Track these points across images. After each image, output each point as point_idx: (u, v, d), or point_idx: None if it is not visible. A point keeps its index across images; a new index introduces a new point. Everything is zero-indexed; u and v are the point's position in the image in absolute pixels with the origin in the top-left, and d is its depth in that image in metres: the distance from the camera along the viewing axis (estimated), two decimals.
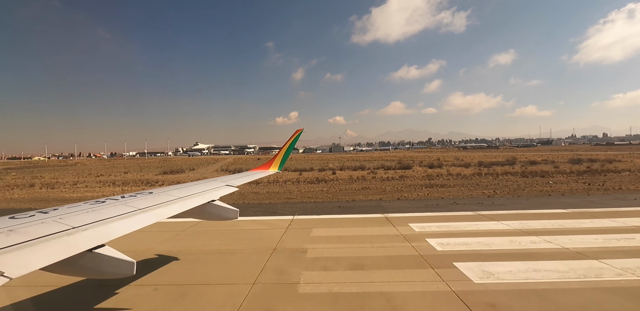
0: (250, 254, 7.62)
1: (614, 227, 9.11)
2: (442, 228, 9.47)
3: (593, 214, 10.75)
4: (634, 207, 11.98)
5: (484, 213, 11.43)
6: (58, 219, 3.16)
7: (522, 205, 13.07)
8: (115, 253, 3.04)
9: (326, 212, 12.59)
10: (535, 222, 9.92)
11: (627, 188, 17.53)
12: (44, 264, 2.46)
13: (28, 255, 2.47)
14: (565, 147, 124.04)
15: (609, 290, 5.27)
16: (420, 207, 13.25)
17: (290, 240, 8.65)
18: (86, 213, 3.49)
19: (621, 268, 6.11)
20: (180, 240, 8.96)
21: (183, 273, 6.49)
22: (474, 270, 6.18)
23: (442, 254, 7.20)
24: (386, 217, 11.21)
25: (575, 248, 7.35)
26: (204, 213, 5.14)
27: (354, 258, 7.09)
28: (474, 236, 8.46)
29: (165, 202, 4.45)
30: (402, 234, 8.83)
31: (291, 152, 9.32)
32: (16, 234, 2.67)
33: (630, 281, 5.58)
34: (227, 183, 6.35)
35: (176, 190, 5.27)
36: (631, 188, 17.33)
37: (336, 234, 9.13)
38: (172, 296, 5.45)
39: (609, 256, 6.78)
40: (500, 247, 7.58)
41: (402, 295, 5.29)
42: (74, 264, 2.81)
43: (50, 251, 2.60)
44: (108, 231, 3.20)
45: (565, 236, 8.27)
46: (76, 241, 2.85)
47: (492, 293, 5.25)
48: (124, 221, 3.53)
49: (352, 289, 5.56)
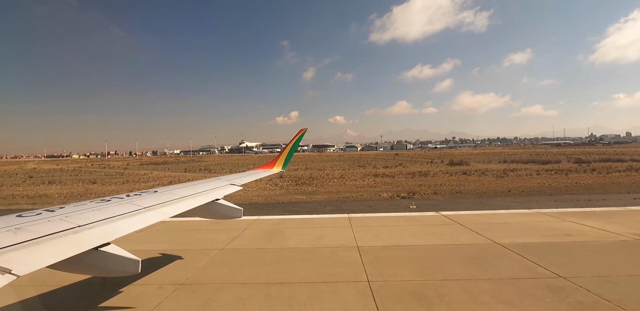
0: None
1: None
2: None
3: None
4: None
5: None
6: (64, 218, 3.17)
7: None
8: (120, 251, 3.06)
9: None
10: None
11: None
12: (50, 262, 2.47)
13: (35, 253, 2.48)
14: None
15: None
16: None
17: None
18: (92, 212, 3.50)
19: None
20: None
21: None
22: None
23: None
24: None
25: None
26: (209, 212, 5.16)
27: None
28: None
29: (170, 201, 4.45)
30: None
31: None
32: (23, 233, 2.68)
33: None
34: (231, 182, 6.35)
35: (180, 189, 5.28)
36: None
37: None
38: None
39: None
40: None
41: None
42: (80, 262, 2.83)
43: (57, 249, 2.61)
44: (114, 230, 3.21)
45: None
46: (82, 239, 2.86)
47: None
48: (129, 219, 3.54)
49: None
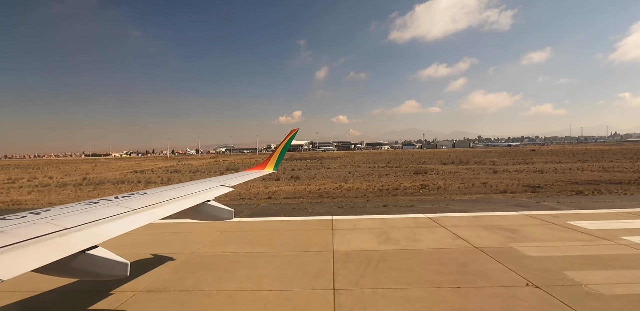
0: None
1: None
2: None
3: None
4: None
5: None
6: (50, 220, 3.10)
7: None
8: (108, 254, 3.00)
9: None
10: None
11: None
12: (35, 265, 2.42)
13: (19, 257, 2.42)
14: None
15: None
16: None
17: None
18: (79, 214, 3.44)
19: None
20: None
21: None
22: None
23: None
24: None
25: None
26: (199, 214, 5.11)
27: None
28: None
29: (159, 202, 4.39)
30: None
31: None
32: (7, 236, 2.62)
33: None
34: (222, 183, 6.31)
35: (170, 190, 5.23)
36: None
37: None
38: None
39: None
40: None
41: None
42: (66, 265, 2.77)
43: (42, 253, 2.55)
44: (101, 232, 3.16)
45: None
46: (68, 242, 2.81)
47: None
48: (117, 221, 3.48)
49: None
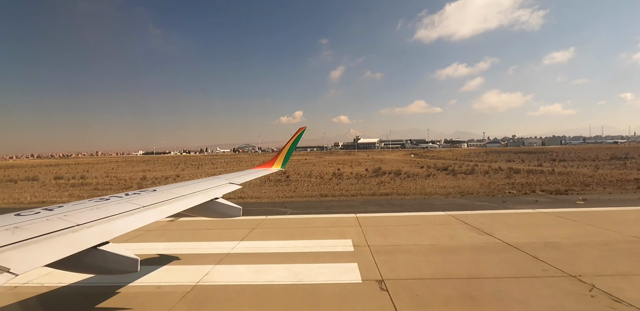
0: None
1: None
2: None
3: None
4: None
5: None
6: (63, 217, 3.16)
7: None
8: (119, 250, 3.05)
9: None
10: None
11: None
12: (48, 261, 2.47)
13: (33, 252, 2.47)
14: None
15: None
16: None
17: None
18: (90, 211, 3.50)
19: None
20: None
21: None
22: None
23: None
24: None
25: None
26: (208, 211, 5.15)
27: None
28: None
29: (168, 200, 4.44)
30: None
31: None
32: (21, 231, 2.67)
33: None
34: (230, 181, 6.35)
35: (179, 188, 5.28)
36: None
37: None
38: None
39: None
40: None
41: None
42: (78, 261, 2.82)
43: (55, 248, 2.60)
44: (112, 229, 3.21)
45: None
46: (81, 238, 2.86)
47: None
48: (127, 218, 3.53)
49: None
